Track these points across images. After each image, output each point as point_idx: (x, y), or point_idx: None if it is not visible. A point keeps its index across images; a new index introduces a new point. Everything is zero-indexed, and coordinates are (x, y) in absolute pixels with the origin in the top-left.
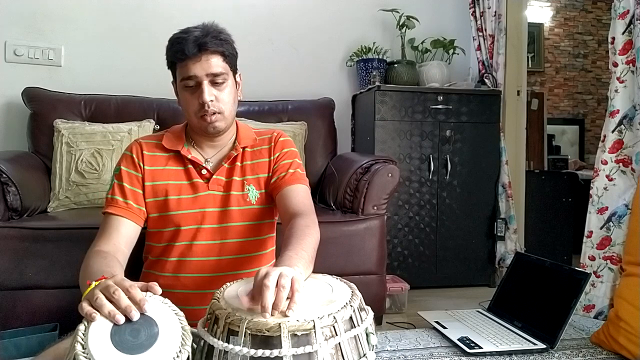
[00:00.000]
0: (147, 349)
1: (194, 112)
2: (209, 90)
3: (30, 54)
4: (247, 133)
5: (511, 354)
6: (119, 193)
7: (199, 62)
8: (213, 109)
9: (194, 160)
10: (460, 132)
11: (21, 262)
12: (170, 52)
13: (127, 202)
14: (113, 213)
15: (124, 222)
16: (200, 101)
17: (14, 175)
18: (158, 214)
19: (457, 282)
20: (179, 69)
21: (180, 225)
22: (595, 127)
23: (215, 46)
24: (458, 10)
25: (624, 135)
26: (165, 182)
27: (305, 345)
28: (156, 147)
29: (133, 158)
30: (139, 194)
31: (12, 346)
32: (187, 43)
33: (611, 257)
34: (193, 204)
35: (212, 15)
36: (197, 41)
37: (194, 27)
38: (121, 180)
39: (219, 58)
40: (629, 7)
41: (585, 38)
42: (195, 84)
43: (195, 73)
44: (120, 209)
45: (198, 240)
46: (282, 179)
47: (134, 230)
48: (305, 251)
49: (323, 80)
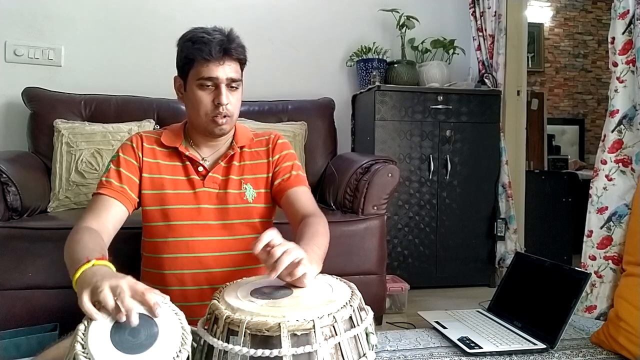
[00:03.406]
0: (147, 349)
1: (205, 112)
2: (226, 93)
3: (30, 54)
4: (244, 133)
5: (511, 354)
6: (115, 177)
7: (222, 65)
8: (226, 112)
9: (191, 157)
10: (460, 132)
11: (21, 262)
12: (191, 49)
13: (122, 186)
14: (105, 194)
15: (115, 203)
16: (217, 102)
17: (14, 175)
18: (154, 207)
19: (457, 282)
20: (197, 67)
21: (176, 220)
22: (595, 127)
23: (238, 54)
24: (458, 10)
25: (623, 135)
26: (162, 176)
27: (305, 345)
28: (155, 142)
29: (133, 147)
30: (134, 182)
31: (12, 346)
32: (212, 45)
33: (613, 257)
34: (189, 200)
35: (212, 15)
36: (222, 45)
37: (212, 29)
38: (118, 165)
39: (237, 65)
40: (628, 7)
41: (585, 38)
42: (213, 86)
43: (217, 75)
44: (114, 191)
45: (195, 237)
46: (286, 181)
47: (123, 214)
48: (319, 248)
49: (323, 80)
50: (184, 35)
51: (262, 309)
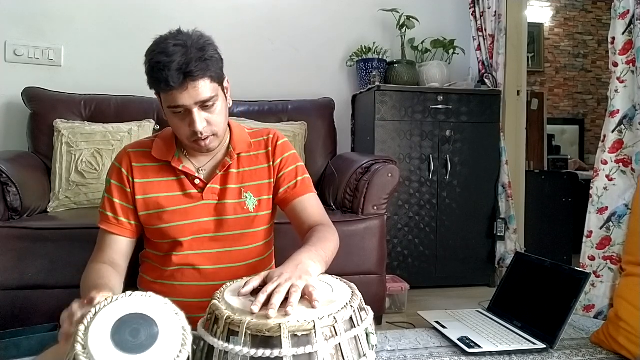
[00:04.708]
0: (147, 349)
1: (186, 136)
2: (200, 118)
3: (31, 54)
4: (242, 137)
5: (511, 353)
6: (109, 208)
7: (186, 90)
8: (206, 134)
9: (186, 172)
10: (460, 132)
11: (21, 262)
12: (151, 80)
13: (118, 218)
14: (105, 229)
15: (115, 239)
16: (192, 129)
17: (14, 175)
18: (152, 226)
19: (457, 282)
20: (163, 95)
21: (177, 237)
22: (595, 127)
23: (202, 71)
24: (458, 10)
25: (624, 135)
26: (157, 195)
27: (306, 346)
28: (145, 158)
29: (122, 172)
30: (130, 209)
31: (12, 346)
32: (169, 72)
33: (611, 257)
34: (188, 215)
35: (213, 15)
36: (180, 70)
37: (173, 44)
38: (111, 194)
39: (206, 81)
40: (629, 7)
41: (585, 38)
42: (185, 111)
43: (183, 103)
44: (112, 225)
45: (195, 250)
46: (293, 190)
47: (127, 244)
48: (324, 251)
49: (323, 80)
50: (147, 53)
51: (262, 310)
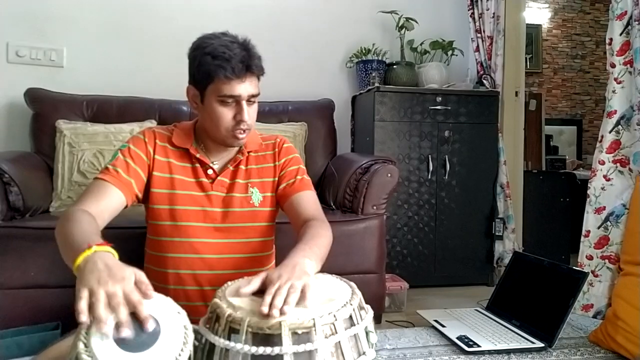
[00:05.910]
0: (149, 347)
1: (226, 127)
2: (248, 110)
3: (33, 55)
4: (254, 138)
5: (509, 352)
6: (122, 167)
7: (243, 83)
8: (246, 127)
9: (201, 160)
10: (459, 133)
11: (23, 261)
12: (212, 65)
13: (129, 179)
14: (109, 181)
15: (117, 192)
16: (238, 119)
17: (16, 176)
18: (162, 206)
19: (455, 281)
20: (218, 84)
21: (183, 221)
22: (593, 128)
23: (258, 69)
24: (457, 11)
25: (621, 135)
26: (173, 176)
27: (306, 343)
28: (167, 140)
29: (145, 142)
30: (141, 178)
31: (14, 345)
32: (234, 62)
33: (609, 256)
34: (197, 202)
35: (213, 16)
36: (244, 62)
37: (230, 41)
38: (128, 157)
39: (256, 80)
40: (626, 8)
41: (583, 39)
42: (234, 102)
43: (239, 93)
44: (119, 181)
45: (200, 238)
46: (291, 186)
47: (121, 205)
48: (319, 248)
49: (323, 82)
50: (200, 46)
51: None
